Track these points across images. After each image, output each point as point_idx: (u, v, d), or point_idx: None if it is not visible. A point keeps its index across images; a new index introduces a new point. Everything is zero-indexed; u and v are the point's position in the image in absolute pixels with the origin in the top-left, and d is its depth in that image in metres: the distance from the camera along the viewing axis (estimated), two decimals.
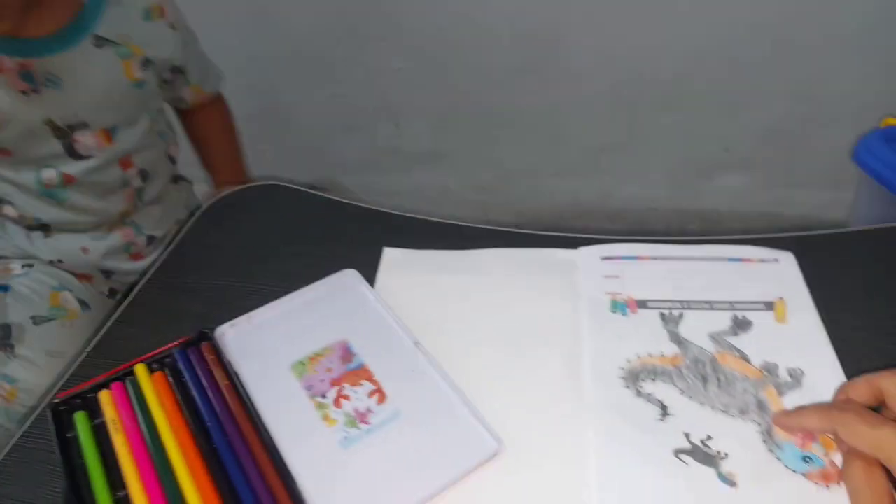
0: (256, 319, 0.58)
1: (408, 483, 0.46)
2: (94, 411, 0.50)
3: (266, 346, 0.55)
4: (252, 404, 0.50)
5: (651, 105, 1.22)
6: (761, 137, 1.21)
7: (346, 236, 0.68)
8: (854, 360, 0.51)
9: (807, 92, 1.13)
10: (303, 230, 0.69)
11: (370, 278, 0.62)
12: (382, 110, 1.36)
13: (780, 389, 0.50)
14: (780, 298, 0.57)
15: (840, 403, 0.45)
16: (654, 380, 0.52)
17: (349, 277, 0.61)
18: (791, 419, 0.46)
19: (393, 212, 0.71)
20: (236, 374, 0.52)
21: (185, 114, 0.98)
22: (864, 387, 0.43)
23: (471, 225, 0.68)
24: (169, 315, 0.61)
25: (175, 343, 0.54)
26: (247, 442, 0.48)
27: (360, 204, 0.73)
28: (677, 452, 0.46)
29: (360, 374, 0.53)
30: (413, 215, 0.70)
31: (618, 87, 1.21)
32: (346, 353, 0.54)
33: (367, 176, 1.47)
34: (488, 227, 0.68)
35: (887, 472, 0.39)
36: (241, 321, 0.57)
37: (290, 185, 0.77)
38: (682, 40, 1.12)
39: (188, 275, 0.65)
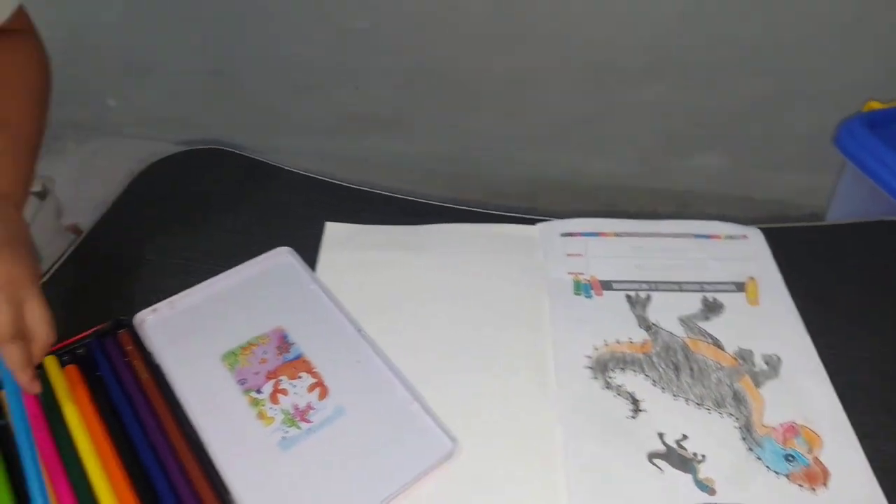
0: (180, 304, 0.51)
1: (355, 489, 0.41)
2: None
3: (192, 335, 0.49)
4: (177, 401, 0.44)
5: (625, 78, 1.17)
6: (738, 116, 1.17)
7: (289, 209, 0.61)
8: (840, 370, 0.48)
9: (786, 69, 1.09)
10: (242, 201, 0.62)
11: (312, 255, 0.55)
12: (341, 72, 1.27)
13: (757, 379, 0.47)
14: (751, 279, 0.54)
15: None
16: (623, 369, 0.48)
17: (284, 256, 0.55)
18: None
19: (339, 182, 0.64)
20: (158, 367, 0.46)
21: None
22: None
23: (421, 200, 0.62)
24: (86, 298, 0.53)
25: (89, 332, 0.47)
26: (171, 444, 0.41)
27: (305, 173, 0.65)
28: (651, 457, 0.42)
29: (298, 365, 0.47)
30: (360, 187, 0.63)
31: (590, 58, 1.15)
32: (283, 342, 0.48)
33: (323, 141, 1.38)
34: (441, 203, 0.62)
35: None
36: (163, 306, 0.50)
37: (233, 150, 0.69)
38: (659, 10, 1.06)
39: (110, 251, 0.58)
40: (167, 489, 0.39)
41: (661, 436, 0.43)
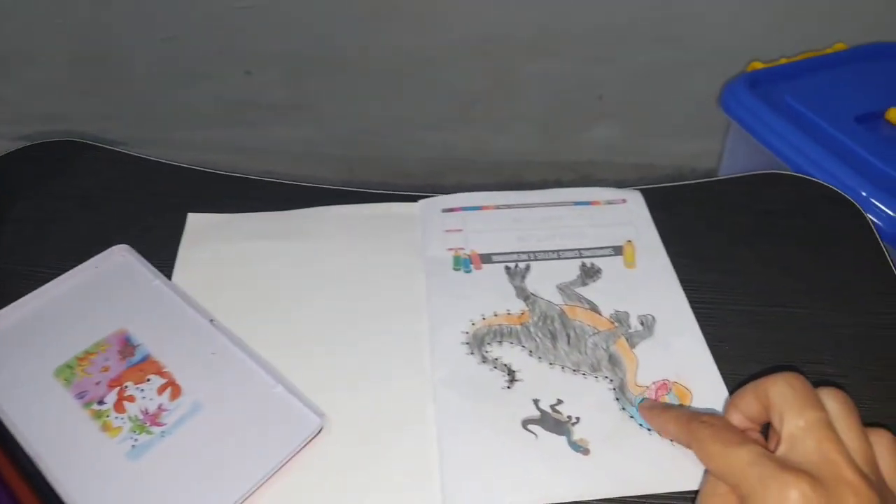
0: (1, 320, 0.46)
1: (221, 482, 0.38)
2: None
3: (18, 354, 0.44)
4: (4, 428, 0.40)
5: (521, 51, 1.16)
6: (632, 85, 1.19)
7: (149, 201, 0.57)
8: (715, 324, 0.48)
9: (676, 37, 1.11)
10: (99, 197, 0.58)
11: (173, 249, 0.52)
12: (230, 56, 1.21)
13: (632, 340, 0.47)
14: (629, 241, 0.54)
15: (704, 415, 0.36)
16: (500, 342, 0.47)
17: (121, 255, 0.51)
18: (653, 418, 0.41)
19: (208, 170, 0.61)
20: None
21: None
22: (752, 397, 0.35)
23: (298, 184, 0.59)
24: None
25: None
26: (4, 482, 0.38)
27: (172, 163, 0.62)
28: (525, 423, 0.42)
29: (145, 368, 0.44)
30: (226, 172, 0.60)
31: (486, 31, 1.14)
32: (126, 346, 0.45)
33: (215, 131, 1.32)
34: (321, 185, 0.59)
35: None
36: None
37: (92, 143, 0.64)
38: None
39: None
40: None
41: (535, 402, 0.43)
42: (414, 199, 0.58)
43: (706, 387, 0.43)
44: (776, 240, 0.55)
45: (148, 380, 0.43)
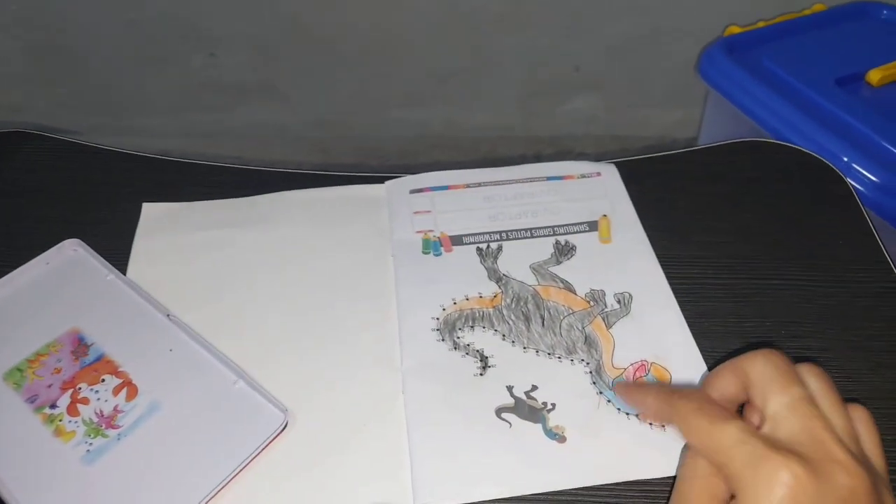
0: None
1: (183, 484, 0.37)
2: None
3: None
4: None
5: (495, 24, 1.13)
6: (608, 56, 1.16)
7: (102, 192, 0.55)
8: (695, 299, 0.46)
9: (648, 2, 1.08)
10: (49, 189, 0.55)
11: (128, 241, 0.49)
12: (192, 37, 1.17)
13: (608, 319, 0.45)
14: (604, 216, 0.52)
15: (685, 391, 0.34)
16: (472, 327, 0.45)
17: (72, 250, 0.49)
18: (631, 395, 0.39)
19: (163, 157, 0.58)
20: None
21: None
22: (730, 376, 0.33)
23: (259, 168, 0.57)
24: None
25: None
26: None
27: (125, 151, 0.59)
28: (500, 411, 0.40)
29: (99, 368, 0.42)
30: (183, 159, 0.57)
31: (457, 5, 1.11)
32: (79, 346, 0.43)
33: (182, 116, 1.28)
34: (284, 169, 0.57)
35: None
36: None
37: (37, 133, 0.61)
38: None
39: None
40: None
41: (509, 389, 0.41)
42: (381, 180, 0.55)
43: (686, 366, 0.42)
44: (756, 209, 0.53)
45: (102, 380, 0.41)
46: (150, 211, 0.52)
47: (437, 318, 0.45)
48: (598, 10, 1.09)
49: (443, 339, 0.44)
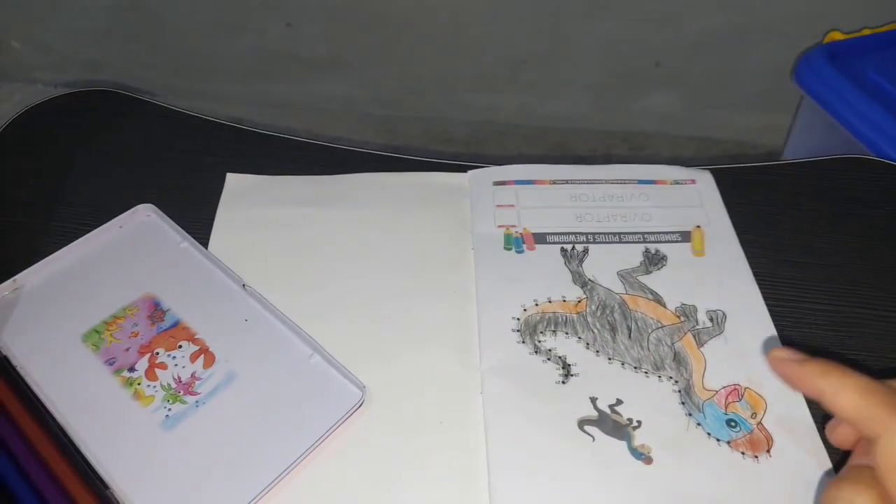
0: (26, 282, 0.44)
1: (259, 457, 0.36)
2: None
3: (44, 317, 0.42)
4: (33, 395, 0.38)
5: (576, 11, 1.09)
6: (693, 52, 1.11)
7: (186, 159, 0.54)
8: (791, 324, 0.44)
9: (742, 2, 1.03)
10: (132, 151, 0.55)
11: (211, 211, 0.49)
12: (271, 7, 1.17)
13: (699, 337, 0.43)
14: (698, 227, 0.49)
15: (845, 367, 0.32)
16: (554, 332, 0.43)
17: (146, 214, 0.49)
18: (787, 366, 0.33)
19: (248, 128, 0.57)
20: (6, 359, 0.40)
21: None
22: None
23: (342, 147, 0.56)
24: None
25: None
26: (32, 446, 0.36)
27: (209, 118, 0.58)
28: (582, 424, 0.38)
29: (176, 334, 0.41)
30: (270, 132, 0.57)
31: None
32: (155, 311, 0.43)
33: (253, 85, 1.29)
34: (365, 150, 0.56)
35: None
36: (5, 288, 0.43)
37: (127, 93, 0.61)
38: None
39: None
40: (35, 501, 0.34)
41: (593, 401, 0.39)
42: (461, 168, 0.54)
43: (783, 394, 0.39)
44: (859, 231, 0.50)
45: (180, 346, 0.41)
46: (234, 182, 0.51)
47: (518, 319, 0.44)
48: (686, 3, 1.05)
49: (523, 342, 0.42)
